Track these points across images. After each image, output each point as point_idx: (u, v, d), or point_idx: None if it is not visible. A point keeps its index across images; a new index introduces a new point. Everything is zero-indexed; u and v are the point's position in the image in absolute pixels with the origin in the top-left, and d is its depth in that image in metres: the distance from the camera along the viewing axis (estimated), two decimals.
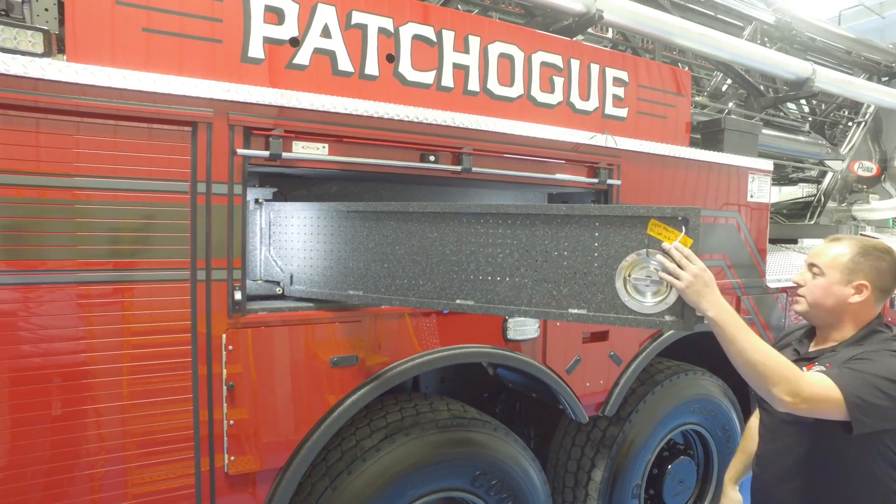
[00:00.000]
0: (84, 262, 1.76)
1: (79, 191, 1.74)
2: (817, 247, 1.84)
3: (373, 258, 2.09)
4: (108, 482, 1.82)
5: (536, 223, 1.76)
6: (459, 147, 2.40)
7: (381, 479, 2.28)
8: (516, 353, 2.56)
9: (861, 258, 1.70)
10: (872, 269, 1.69)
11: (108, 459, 1.82)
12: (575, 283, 1.69)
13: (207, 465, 1.96)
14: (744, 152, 3.52)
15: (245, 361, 2.01)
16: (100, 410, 1.80)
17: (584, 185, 2.80)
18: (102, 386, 1.80)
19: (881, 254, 1.71)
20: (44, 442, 1.74)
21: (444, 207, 1.93)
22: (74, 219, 1.74)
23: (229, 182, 1.97)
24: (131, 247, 1.84)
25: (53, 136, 1.70)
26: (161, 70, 1.86)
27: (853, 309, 1.71)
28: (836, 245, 1.77)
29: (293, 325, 2.10)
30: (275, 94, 2.03)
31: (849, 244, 1.74)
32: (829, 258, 1.74)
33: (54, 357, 1.74)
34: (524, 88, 2.76)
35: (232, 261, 1.99)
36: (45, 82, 1.67)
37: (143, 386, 1.86)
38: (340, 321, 2.19)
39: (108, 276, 1.81)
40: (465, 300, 1.89)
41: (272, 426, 2.07)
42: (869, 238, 1.80)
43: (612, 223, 1.62)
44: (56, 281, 1.73)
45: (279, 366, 2.08)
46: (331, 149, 2.17)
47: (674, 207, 1.54)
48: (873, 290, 1.69)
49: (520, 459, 2.65)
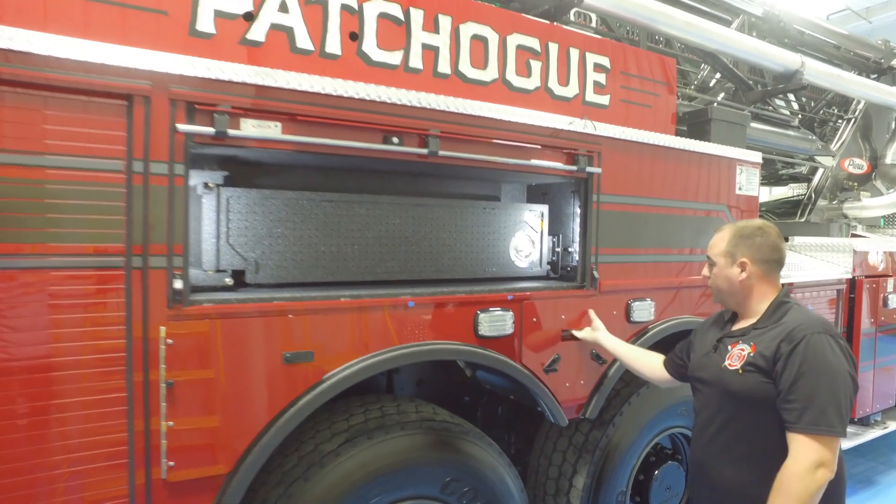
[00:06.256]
0: (3, 245, 1.59)
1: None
2: (710, 240, 2.05)
3: (344, 241, 2.36)
4: (24, 496, 1.64)
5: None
6: (426, 129, 2.25)
7: (340, 486, 2.10)
8: (488, 351, 2.40)
9: (738, 239, 1.93)
10: (749, 247, 1.90)
11: (26, 468, 1.63)
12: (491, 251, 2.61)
13: (143, 471, 1.78)
14: (732, 143, 3.39)
15: (186, 357, 1.84)
16: (17, 412, 1.62)
17: (561, 173, 2.65)
18: (21, 384, 1.62)
19: (755, 231, 1.92)
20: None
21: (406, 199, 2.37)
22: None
23: (170, 161, 1.81)
24: (59, 230, 1.66)
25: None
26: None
27: (746, 286, 1.92)
28: (719, 235, 2.00)
29: (241, 318, 1.93)
30: (220, 68, 1.87)
31: (728, 230, 1.98)
32: (716, 247, 1.98)
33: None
34: (499, 72, 2.62)
35: (172, 247, 1.82)
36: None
37: (69, 384, 1.68)
38: (294, 313, 2.02)
39: (33, 263, 1.64)
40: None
41: (216, 428, 1.89)
42: (745, 221, 2.02)
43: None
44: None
45: (225, 362, 1.90)
46: (285, 128, 2.01)
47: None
48: (757, 264, 1.90)
49: (495, 465, 2.48)
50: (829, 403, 1.65)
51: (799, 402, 1.67)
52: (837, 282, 4.21)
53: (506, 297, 2.47)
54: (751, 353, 1.81)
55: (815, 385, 1.67)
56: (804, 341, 1.72)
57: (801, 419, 1.66)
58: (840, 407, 1.66)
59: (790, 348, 1.72)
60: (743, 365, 1.82)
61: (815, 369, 1.68)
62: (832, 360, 1.71)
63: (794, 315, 1.84)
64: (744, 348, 1.84)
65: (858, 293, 4.25)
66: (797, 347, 1.72)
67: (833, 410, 1.65)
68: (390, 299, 2.20)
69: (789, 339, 1.74)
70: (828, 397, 1.66)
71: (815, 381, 1.67)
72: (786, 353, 1.73)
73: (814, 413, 1.65)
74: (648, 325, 2.97)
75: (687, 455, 3.38)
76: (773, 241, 1.92)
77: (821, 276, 4.05)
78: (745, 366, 1.81)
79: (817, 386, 1.67)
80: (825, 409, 1.65)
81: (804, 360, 1.70)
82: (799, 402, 1.67)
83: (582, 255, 2.76)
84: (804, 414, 1.66)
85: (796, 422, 1.67)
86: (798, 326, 1.77)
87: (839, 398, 1.67)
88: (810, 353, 1.70)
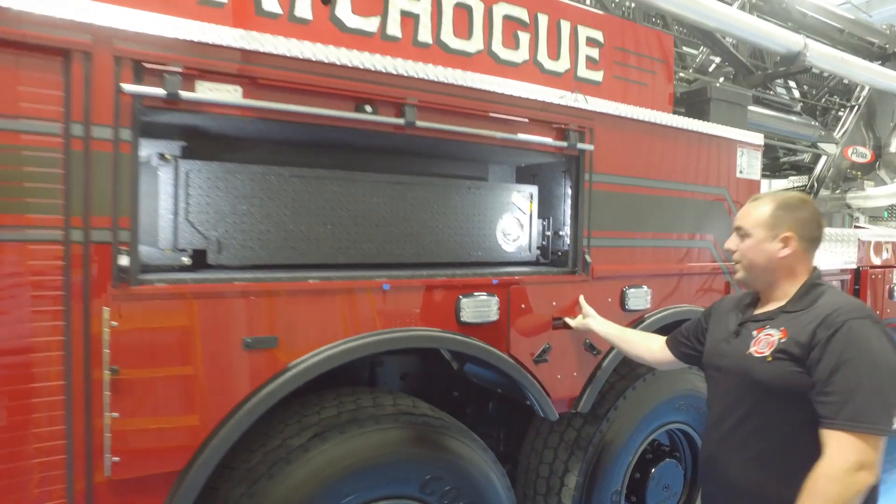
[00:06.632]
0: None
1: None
2: (741, 210, 1.84)
3: (316, 221, 2.21)
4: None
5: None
6: (402, 98, 2.08)
7: (308, 484, 1.93)
8: (469, 339, 2.22)
9: (782, 211, 1.72)
10: (795, 220, 1.71)
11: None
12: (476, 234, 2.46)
13: (83, 467, 1.61)
14: (732, 124, 3.22)
15: (133, 342, 1.66)
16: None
17: (551, 149, 2.48)
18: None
19: (800, 204, 1.74)
20: None
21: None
22: None
23: (114, 125, 1.64)
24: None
25: None
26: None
27: (786, 264, 1.72)
28: (757, 204, 1.79)
29: (196, 299, 1.75)
30: (172, 24, 1.70)
31: (768, 200, 1.77)
32: (753, 217, 1.76)
33: None
34: (484, 43, 2.46)
35: (118, 219, 1.65)
36: None
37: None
38: (257, 295, 1.85)
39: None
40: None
41: (168, 421, 1.72)
42: (787, 192, 1.83)
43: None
44: None
45: (178, 347, 1.73)
46: (246, 92, 1.84)
47: None
48: (800, 241, 1.71)
49: (479, 463, 2.31)
50: (873, 396, 1.46)
51: (838, 394, 1.48)
52: (841, 272, 4.06)
53: (490, 282, 2.30)
54: (782, 339, 1.62)
55: (857, 376, 1.48)
56: (845, 327, 1.53)
57: (840, 414, 1.47)
58: (887, 401, 1.47)
59: (828, 334, 1.53)
60: (773, 352, 1.62)
61: (858, 358, 1.49)
62: (877, 348, 1.51)
63: (831, 298, 1.65)
64: (772, 333, 1.65)
65: (863, 284, 4.10)
66: (837, 334, 1.52)
67: (878, 404, 1.46)
68: (363, 282, 2.03)
69: (827, 325, 1.55)
70: (872, 390, 1.46)
71: (856, 372, 1.48)
72: (823, 339, 1.53)
73: (855, 407, 1.45)
74: (644, 314, 2.80)
75: (685, 453, 3.22)
76: (818, 217, 1.74)
77: (824, 265, 3.89)
78: (776, 353, 1.61)
79: (860, 377, 1.48)
80: (868, 403, 1.45)
81: (845, 347, 1.50)
82: (838, 394, 1.48)
83: (573, 238, 2.59)
84: (844, 408, 1.46)
85: (834, 417, 1.48)
86: (837, 310, 1.57)
87: (885, 391, 1.48)
88: (852, 340, 1.51)
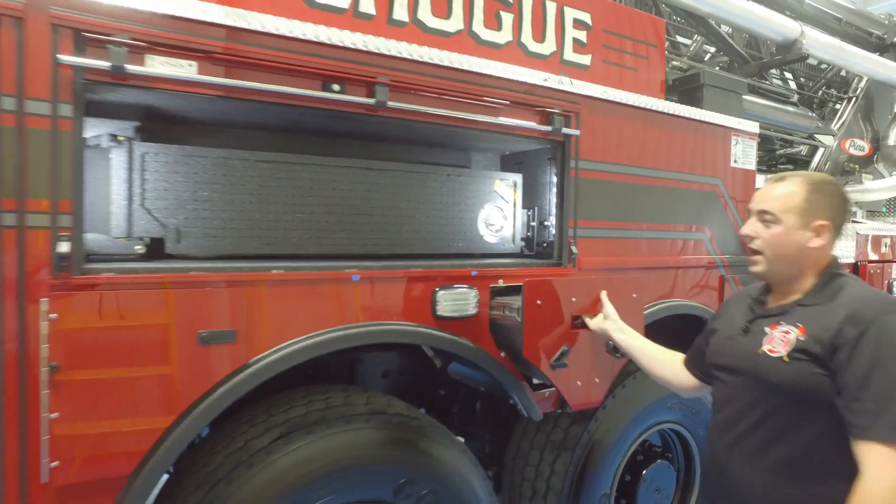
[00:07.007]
0: None
1: None
2: (760, 189, 1.62)
3: (284, 209, 2.07)
4: None
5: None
6: (374, 77, 1.95)
7: (271, 489, 1.80)
8: (445, 333, 2.09)
9: (816, 195, 1.52)
10: (830, 207, 1.53)
11: None
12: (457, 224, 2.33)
13: (16, 472, 1.47)
14: (727, 112, 3.10)
15: (75, 335, 1.53)
16: None
17: (534, 134, 2.35)
18: None
19: (833, 188, 1.56)
20: None
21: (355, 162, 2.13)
22: None
23: (52, 100, 1.51)
24: None
25: None
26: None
27: (814, 255, 1.53)
28: (784, 185, 1.56)
29: (146, 290, 1.62)
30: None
31: (798, 181, 1.55)
32: (782, 201, 1.54)
33: None
34: (464, 23, 2.33)
35: (57, 203, 1.52)
36: None
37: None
38: (213, 286, 1.71)
39: None
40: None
41: (114, 421, 1.58)
42: (811, 172, 1.64)
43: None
44: None
45: (125, 342, 1.60)
46: (202, 68, 1.71)
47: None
48: (834, 230, 1.54)
49: (458, 465, 2.18)
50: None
51: (873, 401, 1.32)
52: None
53: (469, 273, 2.17)
54: (800, 337, 1.44)
55: (894, 381, 1.32)
56: (877, 324, 1.36)
57: (878, 424, 1.31)
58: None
59: (858, 332, 1.36)
60: (790, 351, 1.45)
61: (894, 360, 1.33)
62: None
63: (855, 290, 1.48)
64: (789, 330, 1.47)
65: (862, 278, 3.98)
66: (868, 332, 1.35)
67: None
68: (331, 273, 1.91)
69: (855, 321, 1.38)
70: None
71: (894, 376, 1.32)
72: (852, 338, 1.36)
73: (894, 417, 1.30)
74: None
75: (678, 454, 3.10)
76: (848, 202, 1.59)
77: None
78: (793, 352, 1.44)
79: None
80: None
81: (878, 347, 1.34)
82: (873, 401, 1.32)
83: (559, 228, 2.46)
84: (881, 417, 1.30)
85: (870, 427, 1.31)
86: (865, 305, 1.40)
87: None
88: (886, 340, 1.34)
